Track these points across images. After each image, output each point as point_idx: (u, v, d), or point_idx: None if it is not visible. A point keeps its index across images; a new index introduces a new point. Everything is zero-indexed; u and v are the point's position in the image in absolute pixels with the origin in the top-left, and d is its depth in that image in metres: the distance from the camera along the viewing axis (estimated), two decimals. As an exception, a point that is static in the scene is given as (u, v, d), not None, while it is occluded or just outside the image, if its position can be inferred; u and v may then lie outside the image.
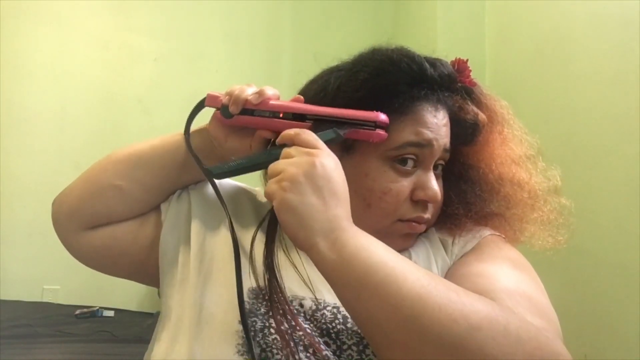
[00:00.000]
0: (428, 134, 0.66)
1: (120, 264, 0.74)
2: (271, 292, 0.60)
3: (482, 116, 0.70)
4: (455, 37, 1.96)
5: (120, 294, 2.14)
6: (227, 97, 0.64)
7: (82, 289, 2.12)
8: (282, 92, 0.77)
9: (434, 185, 0.66)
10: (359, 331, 0.61)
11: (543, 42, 1.69)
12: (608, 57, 1.42)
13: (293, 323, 0.60)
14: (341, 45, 0.74)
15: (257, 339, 0.60)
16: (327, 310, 0.63)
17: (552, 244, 0.71)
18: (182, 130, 0.69)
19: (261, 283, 0.63)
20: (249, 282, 0.64)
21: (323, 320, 0.62)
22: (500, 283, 0.60)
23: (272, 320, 0.60)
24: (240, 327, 0.60)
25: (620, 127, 1.36)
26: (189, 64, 2.42)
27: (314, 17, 2.53)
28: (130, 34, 2.35)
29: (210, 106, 0.67)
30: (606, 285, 1.39)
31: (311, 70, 0.77)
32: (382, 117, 0.63)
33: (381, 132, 0.63)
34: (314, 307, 0.63)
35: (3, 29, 2.17)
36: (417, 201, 0.66)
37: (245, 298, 0.63)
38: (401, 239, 0.68)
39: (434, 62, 0.69)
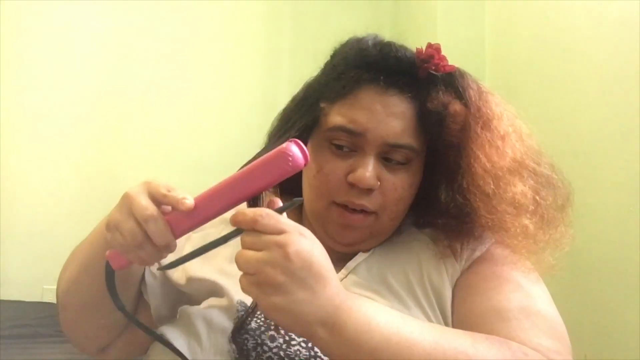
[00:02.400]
0: (361, 120, 0.64)
1: (144, 349, 0.74)
2: None
3: (453, 107, 0.65)
4: (455, 37, 1.95)
5: (120, 294, 2.14)
6: (133, 256, 0.54)
7: (82, 289, 2.11)
8: (282, 92, 0.78)
9: (363, 169, 0.63)
10: None
11: (543, 42, 1.69)
12: (608, 57, 1.42)
13: (287, 338, 0.59)
14: (341, 46, 0.74)
15: (250, 358, 0.58)
16: None
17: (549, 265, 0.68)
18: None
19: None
20: (240, 294, 0.62)
21: None
22: (516, 301, 0.60)
23: (264, 337, 0.59)
24: (232, 347, 0.59)
25: (620, 127, 1.36)
26: (189, 64, 2.42)
27: (314, 17, 2.52)
28: (130, 34, 2.35)
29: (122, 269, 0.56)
30: (606, 285, 1.39)
31: (311, 70, 0.77)
32: (298, 161, 0.52)
33: (301, 162, 0.53)
34: None
35: (3, 28, 2.17)
36: (353, 185, 0.65)
37: (235, 311, 0.62)
38: (340, 229, 0.67)
39: (384, 44, 0.67)
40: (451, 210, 0.68)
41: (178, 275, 0.69)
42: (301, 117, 0.69)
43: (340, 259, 0.71)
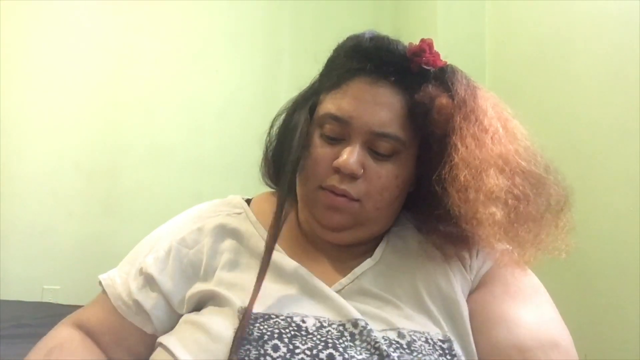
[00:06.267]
0: (348, 109, 0.65)
1: None
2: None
3: (440, 100, 0.65)
4: (455, 37, 1.96)
5: (120, 294, 2.14)
6: None
7: (82, 289, 2.11)
8: (282, 92, 0.79)
9: (345, 155, 0.64)
10: (369, 346, 0.59)
11: (543, 42, 1.69)
12: (608, 57, 1.42)
13: (291, 346, 0.58)
14: (341, 46, 0.75)
15: None
16: (333, 328, 0.61)
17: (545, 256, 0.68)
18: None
19: (260, 309, 0.61)
20: (242, 301, 0.62)
21: (329, 336, 0.60)
22: (533, 334, 0.63)
23: (267, 347, 0.57)
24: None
25: (620, 127, 1.36)
26: (189, 64, 2.42)
27: (314, 17, 2.53)
28: (130, 34, 2.35)
29: None
30: (606, 285, 1.39)
31: (311, 70, 0.78)
32: None
33: None
34: (317, 324, 0.61)
35: (3, 29, 2.17)
36: (338, 171, 0.66)
37: (236, 318, 0.61)
38: (325, 211, 0.67)
39: (379, 38, 0.69)
40: (448, 213, 0.68)
41: (181, 305, 0.68)
42: (302, 110, 0.71)
43: (347, 261, 0.71)
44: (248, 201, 0.78)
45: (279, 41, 2.52)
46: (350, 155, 0.64)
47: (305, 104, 0.71)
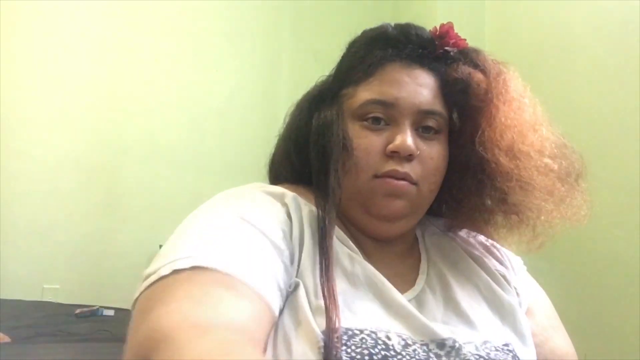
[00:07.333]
0: (392, 92, 0.65)
1: None
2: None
3: (477, 76, 0.67)
4: (455, 37, 1.96)
5: (121, 293, 2.14)
6: None
7: (82, 288, 2.12)
8: (282, 91, 0.78)
9: (402, 136, 0.64)
10: None
11: (543, 42, 1.69)
12: (608, 57, 1.42)
13: None
14: (341, 45, 0.74)
15: None
16: (418, 347, 0.58)
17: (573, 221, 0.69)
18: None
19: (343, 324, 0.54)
20: (317, 319, 0.54)
21: (416, 356, 0.57)
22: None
23: None
24: None
25: (620, 127, 1.36)
26: (189, 63, 2.42)
27: (314, 17, 2.53)
28: (130, 34, 2.35)
29: None
30: (606, 284, 1.39)
31: (311, 70, 0.77)
32: None
33: None
34: (402, 343, 0.57)
35: (3, 29, 2.17)
36: (392, 156, 0.64)
37: (320, 341, 0.52)
38: (385, 199, 0.65)
39: (403, 25, 0.70)
40: (477, 204, 0.69)
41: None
42: (329, 108, 0.69)
43: (405, 281, 0.67)
44: None
45: (279, 41, 2.52)
46: (404, 136, 0.64)
47: (327, 102, 0.70)
